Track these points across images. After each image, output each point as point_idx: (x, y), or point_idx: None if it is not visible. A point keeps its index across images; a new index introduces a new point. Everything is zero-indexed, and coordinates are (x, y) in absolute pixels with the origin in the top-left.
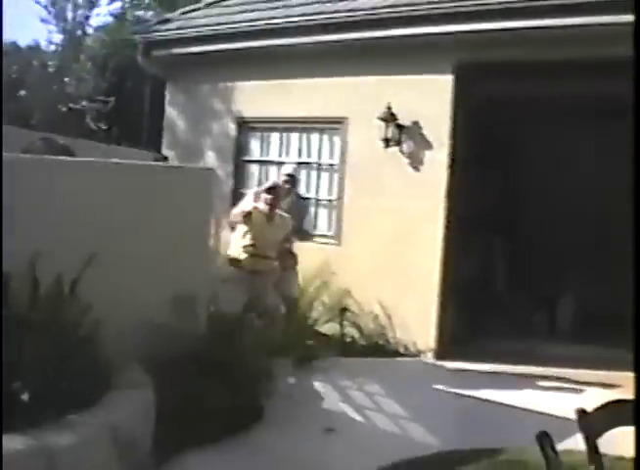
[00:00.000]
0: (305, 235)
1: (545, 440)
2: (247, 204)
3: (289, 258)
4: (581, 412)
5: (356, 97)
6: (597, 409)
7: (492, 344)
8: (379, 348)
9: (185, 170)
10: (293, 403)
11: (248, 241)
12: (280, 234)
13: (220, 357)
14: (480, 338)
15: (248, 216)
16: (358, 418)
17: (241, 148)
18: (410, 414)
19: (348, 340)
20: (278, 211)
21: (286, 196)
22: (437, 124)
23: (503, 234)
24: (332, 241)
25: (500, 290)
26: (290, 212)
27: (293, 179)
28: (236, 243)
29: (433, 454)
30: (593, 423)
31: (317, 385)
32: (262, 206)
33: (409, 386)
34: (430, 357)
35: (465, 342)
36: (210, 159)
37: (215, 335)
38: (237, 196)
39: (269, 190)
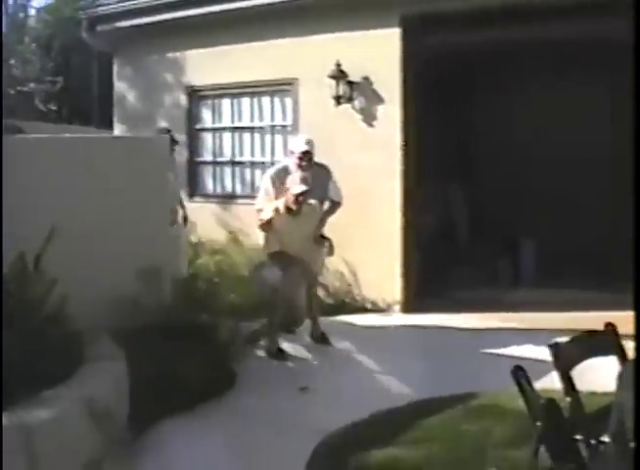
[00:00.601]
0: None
1: (520, 374)
2: (262, 203)
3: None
4: (554, 345)
5: (305, 57)
6: (569, 341)
7: (458, 294)
8: (346, 305)
9: (140, 141)
10: (265, 367)
11: (276, 247)
12: (310, 225)
13: (189, 325)
14: (445, 289)
15: (267, 225)
16: (332, 375)
17: (193, 117)
18: (384, 368)
19: None
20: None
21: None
22: (388, 79)
23: (461, 183)
24: None
25: (462, 239)
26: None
27: (310, 155)
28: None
29: (408, 404)
30: (566, 354)
31: (286, 346)
32: (291, 183)
33: (380, 341)
34: (397, 311)
35: (431, 294)
36: None
37: (184, 304)
38: (192, 166)
39: (301, 158)
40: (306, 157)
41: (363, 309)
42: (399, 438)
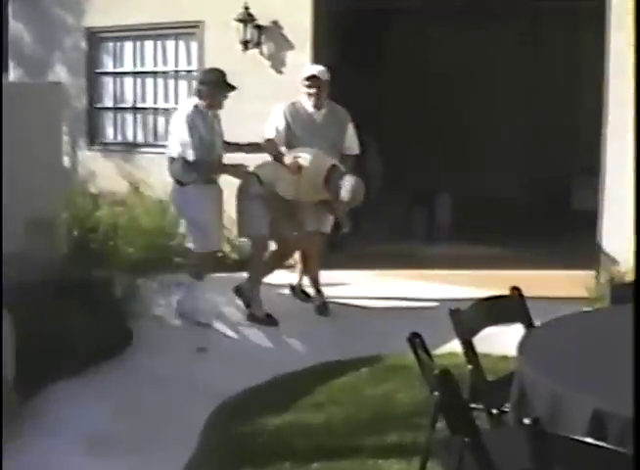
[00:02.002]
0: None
1: (416, 341)
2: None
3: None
4: (454, 311)
5: None
6: (470, 307)
7: (371, 248)
8: None
9: (30, 86)
10: (163, 325)
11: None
12: (314, 179)
13: (82, 281)
14: (358, 243)
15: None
16: (232, 335)
17: (93, 61)
18: (287, 328)
19: (219, 254)
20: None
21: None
22: (299, 24)
23: (375, 134)
24: None
25: (375, 191)
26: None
27: (319, 83)
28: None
29: (311, 367)
30: (467, 321)
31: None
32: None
33: (285, 299)
34: None
35: (343, 248)
36: (62, 74)
37: (77, 258)
38: (92, 114)
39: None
40: (314, 83)
41: None
42: (299, 403)
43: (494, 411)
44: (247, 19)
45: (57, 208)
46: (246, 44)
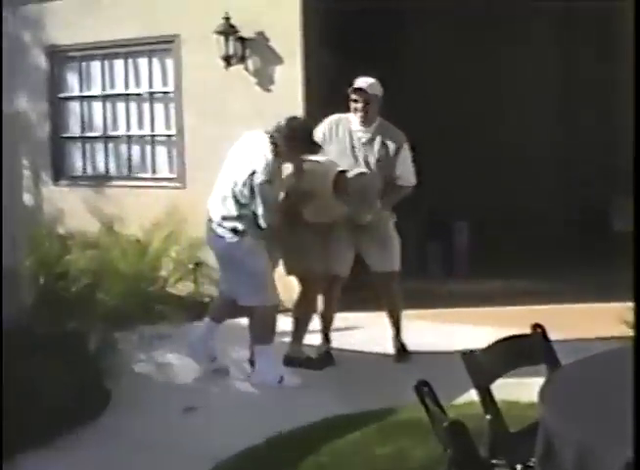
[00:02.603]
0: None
1: (423, 391)
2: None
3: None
4: (467, 354)
5: (188, 9)
6: (486, 349)
7: None
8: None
9: None
10: (145, 381)
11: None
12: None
13: (51, 334)
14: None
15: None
16: (223, 392)
17: (56, 83)
18: (288, 379)
19: (206, 300)
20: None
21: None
22: (287, 33)
23: None
24: (175, 184)
25: None
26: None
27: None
28: None
29: (314, 423)
30: (483, 365)
31: (171, 357)
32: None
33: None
34: None
35: (350, 284)
36: (20, 99)
37: (44, 308)
38: (57, 144)
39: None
40: (360, 97)
41: None
42: (301, 465)
43: (518, 467)
44: (228, 30)
45: (18, 252)
46: (228, 59)
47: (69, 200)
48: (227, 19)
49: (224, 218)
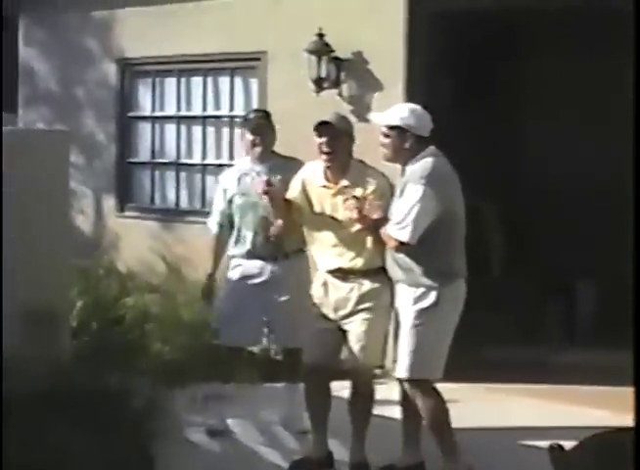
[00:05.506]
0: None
1: None
2: None
3: None
4: (557, 450)
5: (277, 23)
6: (580, 445)
7: (484, 352)
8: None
9: (30, 134)
10: (195, 450)
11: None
12: None
13: (93, 391)
14: (466, 344)
15: None
16: (284, 464)
17: (126, 100)
18: None
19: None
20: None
21: None
22: (388, 55)
23: (494, 200)
24: None
25: (495, 275)
26: None
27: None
28: None
29: None
30: (576, 464)
31: (231, 423)
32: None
33: None
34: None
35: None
36: (85, 117)
37: (94, 362)
38: (124, 170)
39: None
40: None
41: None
42: None
43: None
44: (322, 49)
45: (61, 293)
46: (320, 82)
47: (133, 234)
48: (321, 36)
49: None
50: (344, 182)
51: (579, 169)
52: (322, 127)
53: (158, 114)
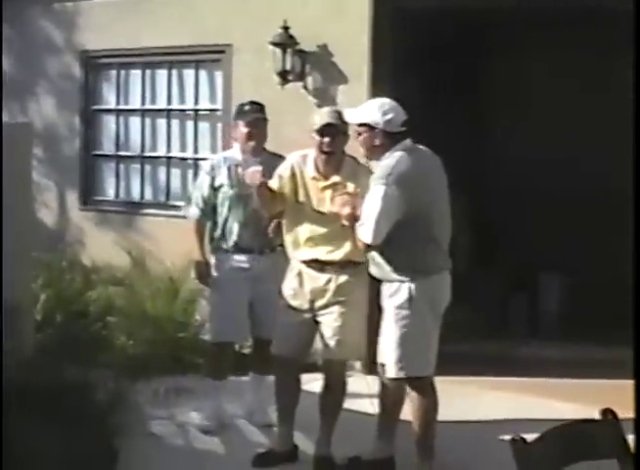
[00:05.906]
0: None
1: None
2: None
3: None
4: (519, 442)
5: (242, 15)
6: (542, 437)
7: (449, 347)
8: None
9: None
10: (159, 444)
11: None
12: None
13: (55, 385)
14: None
15: None
16: (248, 457)
17: (90, 93)
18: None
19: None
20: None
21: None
22: (353, 48)
23: (460, 190)
24: None
25: (462, 268)
26: None
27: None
28: None
29: None
30: (536, 457)
31: (195, 416)
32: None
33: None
34: (359, 369)
35: None
36: (49, 109)
37: (57, 356)
38: (88, 163)
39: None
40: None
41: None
42: None
43: None
44: (287, 42)
45: (26, 285)
46: (285, 75)
47: (98, 227)
48: (286, 28)
49: None
50: (336, 178)
51: (547, 169)
52: (325, 128)
53: (122, 107)
